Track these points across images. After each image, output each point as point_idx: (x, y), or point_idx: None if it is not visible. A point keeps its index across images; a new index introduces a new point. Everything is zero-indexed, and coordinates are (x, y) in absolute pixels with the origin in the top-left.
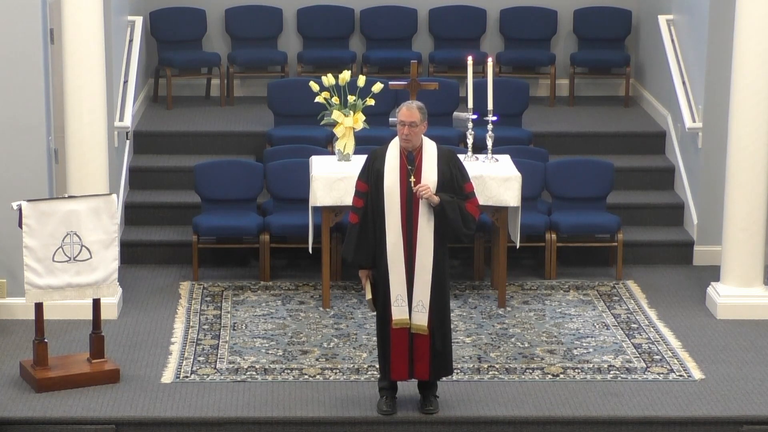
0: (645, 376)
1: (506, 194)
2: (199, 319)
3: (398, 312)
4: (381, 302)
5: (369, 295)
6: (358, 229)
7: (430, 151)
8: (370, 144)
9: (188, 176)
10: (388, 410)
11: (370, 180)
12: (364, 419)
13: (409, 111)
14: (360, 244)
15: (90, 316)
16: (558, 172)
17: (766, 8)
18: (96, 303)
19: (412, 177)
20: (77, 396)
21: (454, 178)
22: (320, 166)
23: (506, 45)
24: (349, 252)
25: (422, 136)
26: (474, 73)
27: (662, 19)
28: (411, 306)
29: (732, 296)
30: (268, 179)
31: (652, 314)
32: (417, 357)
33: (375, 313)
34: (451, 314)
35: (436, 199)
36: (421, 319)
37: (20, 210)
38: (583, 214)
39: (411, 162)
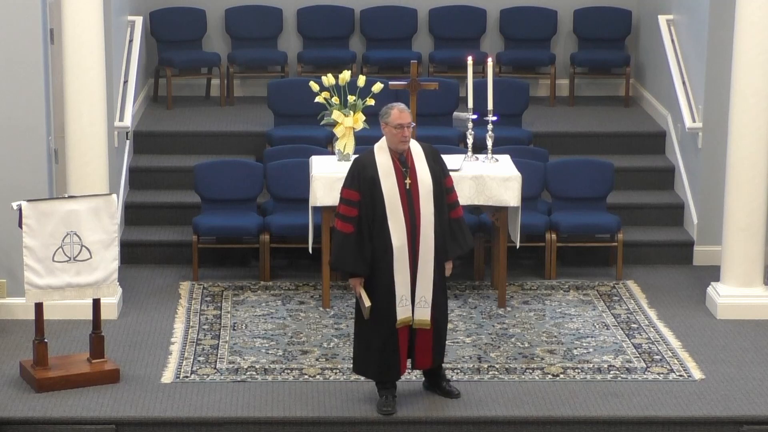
0: (645, 376)
1: (506, 194)
2: (199, 319)
3: (402, 311)
4: (384, 306)
5: (368, 302)
6: (355, 238)
7: (416, 150)
8: (370, 144)
9: (188, 176)
10: (388, 410)
11: (363, 188)
12: (364, 419)
13: (404, 113)
14: (358, 253)
15: (90, 316)
16: (558, 172)
17: (766, 8)
18: (96, 303)
19: (408, 178)
20: (77, 396)
21: (440, 173)
22: (320, 166)
23: (506, 45)
24: (347, 263)
25: None
26: (474, 73)
27: (662, 19)
28: (414, 302)
29: (732, 296)
30: (268, 179)
31: (652, 314)
32: (419, 350)
33: (366, 319)
34: (451, 314)
35: (450, 264)
36: (423, 314)
37: (20, 210)
38: (583, 214)
39: (403, 164)
